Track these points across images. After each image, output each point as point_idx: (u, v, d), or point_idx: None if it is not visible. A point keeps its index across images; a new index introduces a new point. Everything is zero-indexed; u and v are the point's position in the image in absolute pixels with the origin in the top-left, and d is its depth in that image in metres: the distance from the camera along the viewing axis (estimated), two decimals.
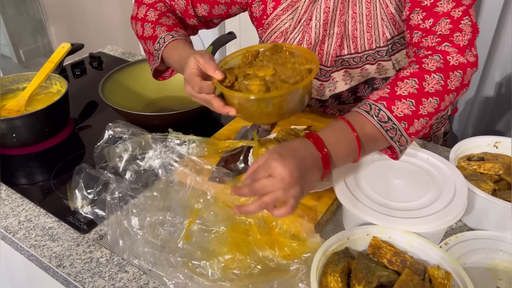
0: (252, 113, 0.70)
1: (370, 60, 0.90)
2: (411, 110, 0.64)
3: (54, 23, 2.18)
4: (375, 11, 0.84)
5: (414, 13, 0.73)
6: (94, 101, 1.15)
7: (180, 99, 1.12)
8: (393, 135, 0.64)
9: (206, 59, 0.71)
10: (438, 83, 0.66)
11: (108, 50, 1.40)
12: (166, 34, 0.84)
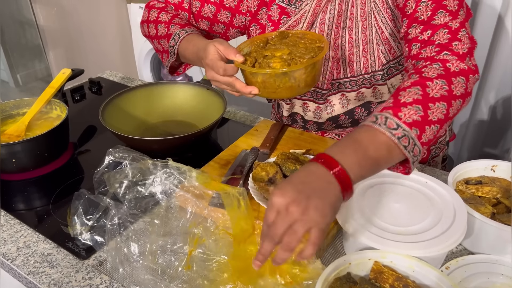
0: (275, 89, 0.78)
1: (366, 84, 0.92)
2: (419, 115, 0.60)
3: (53, 48, 2.21)
4: (371, 36, 0.87)
5: (412, 28, 0.75)
6: (93, 126, 1.15)
7: (179, 124, 1.13)
8: (406, 144, 0.59)
9: (225, 45, 0.77)
10: (442, 88, 0.64)
11: (107, 75, 1.42)
12: (180, 30, 0.90)
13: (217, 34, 1.02)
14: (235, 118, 1.19)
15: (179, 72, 1.02)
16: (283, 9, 0.92)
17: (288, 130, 1.05)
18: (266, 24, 0.94)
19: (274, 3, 0.92)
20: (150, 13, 0.98)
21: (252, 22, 0.96)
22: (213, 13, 0.96)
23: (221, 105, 1.07)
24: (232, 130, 1.13)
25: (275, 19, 0.93)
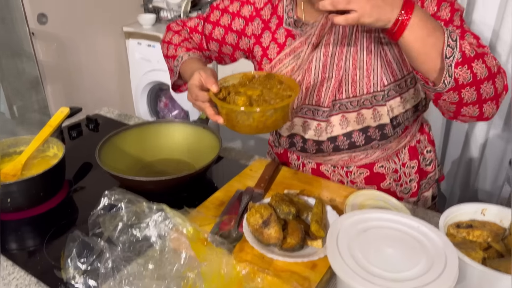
0: (235, 124, 0.85)
1: (366, 105, 0.95)
2: (470, 54, 0.73)
3: (51, 83, 2.24)
4: (376, 58, 0.91)
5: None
6: (89, 163, 1.16)
7: (175, 162, 1.14)
8: (450, 54, 0.72)
9: (208, 74, 0.86)
10: (493, 66, 0.78)
11: (105, 112, 1.44)
12: (184, 53, 1.04)
13: (226, 55, 1.11)
14: (230, 156, 1.20)
15: (181, 90, 1.15)
16: (289, 32, 0.98)
17: (282, 170, 1.07)
18: (270, 46, 0.99)
19: (281, 27, 0.98)
20: (167, 34, 1.13)
21: (256, 44, 1.02)
22: (222, 35, 1.06)
23: (216, 144, 1.08)
24: (227, 169, 1.15)
25: (281, 41, 0.98)
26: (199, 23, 1.11)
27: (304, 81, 0.96)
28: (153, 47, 2.44)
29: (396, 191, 1.07)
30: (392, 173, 1.05)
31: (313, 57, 0.94)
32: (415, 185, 1.08)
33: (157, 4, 2.58)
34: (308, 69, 0.95)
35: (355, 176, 1.06)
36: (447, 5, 0.86)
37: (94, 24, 2.38)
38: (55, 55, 2.22)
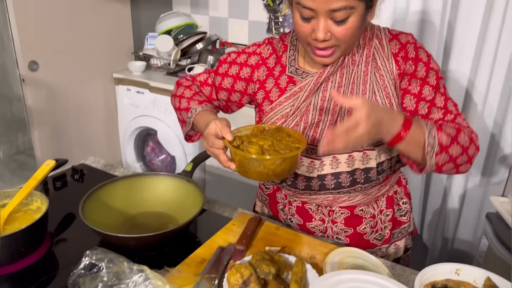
0: (247, 170, 0.91)
1: (358, 148, 1.02)
2: (446, 143, 0.89)
3: (38, 127, 2.25)
4: None
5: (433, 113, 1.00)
6: (72, 214, 1.16)
7: (158, 216, 1.15)
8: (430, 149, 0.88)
9: (223, 124, 0.93)
10: (465, 142, 0.92)
11: (91, 162, 1.45)
12: (197, 106, 1.10)
13: (234, 102, 1.19)
14: (213, 209, 1.22)
15: (193, 139, 1.21)
16: (291, 78, 1.07)
17: (264, 225, 1.09)
18: (272, 89, 1.08)
19: (284, 74, 1.07)
20: (178, 89, 1.19)
21: (260, 89, 1.10)
22: (231, 84, 1.14)
23: (200, 198, 1.10)
24: (210, 223, 1.16)
25: (283, 86, 1.07)
26: (209, 76, 1.19)
27: (302, 122, 1.04)
28: (142, 94, 2.49)
29: (370, 237, 1.14)
30: (370, 218, 1.12)
31: (311, 100, 1.03)
32: (388, 232, 1.15)
33: (147, 52, 2.65)
34: (306, 111, 1.03)
35: (336, 216, 1.11)
36: (433, 73, 1.00)
37: (84, 71, 2.43)
38: (44, 101, 2.25)
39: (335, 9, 0.87)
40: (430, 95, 0.99)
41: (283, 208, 1.17)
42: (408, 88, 1.00)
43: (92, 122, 2.56)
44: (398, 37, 1.01)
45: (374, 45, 1.01)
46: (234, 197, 2.43)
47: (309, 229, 1.15)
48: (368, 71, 1.01)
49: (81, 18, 2.33)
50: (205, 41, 2.70)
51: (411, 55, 0.99)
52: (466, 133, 0.94)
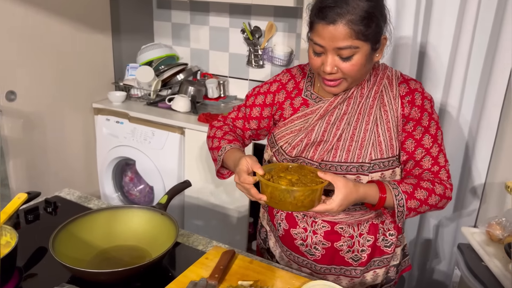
0: (278, 201, 0.98)
1: (353, 171, 1.11)
2: (415, 207, 1.07)
3: (14, 157, 2.22)
4: (370, 137, 1.11)
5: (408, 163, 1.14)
6: (44, 247, 1.14)
7: (131, 249, 1.14)
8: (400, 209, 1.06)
9: (253, 161, 1.04)
10: (435, 201, 1.10)
11: (65, 194, 1.44)
12: (227, 145, 1.20)
13: (263, 128, 1.28)
14: (188, 242, 1.21)
15: (224, 177, 1.27)
16: (305, 101, 1.18)
17: (238, 258, 1.09)
18: (287, 108, 1.20)
19: (299, 96, 1.19)
20: (211, 130, 1.30)
21: (278, 109, 1.22)
22: (259, 112, 1.25)
23: (173, 231, 1.10)
24: (184, 256, 1.15)
25: (296, 106, 1.19)
26: (239, 111, 1.30)
27: (305, 139, 1.14)
28: (121, 124, 2.50)
29: (346, 255, 1.20)
30: (348, 237, 1.18)
31: (318, 122, 1.14)
32: (365, 256, 1.20)
33: (128, 82, 2.67)
34: (311, 131, 1.14)
35: (318, 227, 1.19)
36: (434, 124, 1.13)
37: (63, 101, 2.43)
38: (21, 131, 2.23)
39: (341, 47, 1.00)
40: (428, 144, 1.11)
41: (277, 213, 1.26)
42: (412, 133, 1.12)
43: (69, 152, 2.54)
44: (409, 82, 1.14)
45: (384, 84, 1.14)
46: (212, 226, 2.42)
47: (292, 235, 1.22)
48: (374, 105, 1.12)
49: (61, 48, 2.35)
50: (186, 72, 2.74)
51: (418, 103, 1.11)
52: (438, 192, 1.10)
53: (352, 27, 0.97)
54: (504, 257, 1.40)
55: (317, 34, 1.01)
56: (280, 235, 1.25)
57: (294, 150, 1.15)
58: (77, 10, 2.38)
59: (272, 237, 1.32)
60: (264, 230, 1.36)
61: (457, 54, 1.74)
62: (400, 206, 1.05)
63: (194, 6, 2.74)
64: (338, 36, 0.98)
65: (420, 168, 1.12)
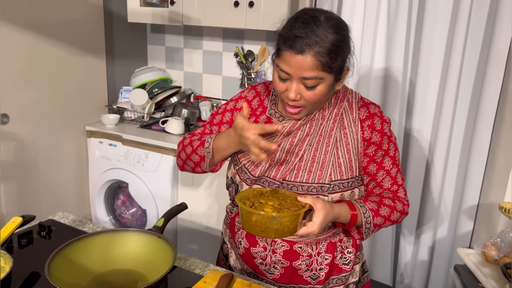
0: (265, 229, 0.97)
1: (313, 192, 1.13)
2: (380, 223, 1.14)
3: (5, 181, 2.19)
4: (330, 158, 1.14)
5: (370, 183, 1.19)
6: (37, 273, 1.12)
7: (128, 274, 1.12)
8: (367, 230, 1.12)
9: (243, 114, 1.05)
10: (397, 217, 1.17)
11: (59, 218, 1.42)
12: (210, 136, 1.19)
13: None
14: (185, 266, 1.20)
15: (216, 169, 1.26)
16: (269, 119, 1.20)
17: (236, 282, 1.07)
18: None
19: (264, 114, 1.20)
20: (183, 144, 1.26)
21: None
22: (227, 129, 1.21)
23: (171, 255, 1.09)
24: (181, 280, 1.14)
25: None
26: (206, 127, 1.29)
27: (269, 159, 1.16)
28: (115, 146, 2.49)
29: (304, 274, 1.21)
30: (306, 256, 1.20)
31: (281, 143, 1.16)
32: (324, 274, 1.21)
33: (121, 105, 2.68)
34: (274, 151, 1.15)
35: (277, 247, 1.20)
36: (393, 146, 1.18)
37: (56, 124, 2.42)
38: (13, 154, 2.21)
39: (306, 77, 1.02)
40: (389, 166, 1.17)
41: (237, 231, 1.27)
42: (374, 157, 1.16)
43: (61, 175, 2.51)
44: (368, 106, 1.17)
45: (344, 107, 1.17)
46: (206, 249, 2.39)
47: (252, 254, 1.23)
48: (334, 128, 1.15)
49: (55, 71, 2.36)
50: (179, 95, 2.76)
51: (378, 127, 1.15)
52: (399, 209, 1.17)
53: (319, 59, 0.99)
54: (501, 278, 1.41)
55: (284, 61, 1.02)
56: (241, 253, 1.26)
57: (258, 169, 1.16)
58: (72, 34, 2.40)
59: (233, 254, 1.32)
60: (226, 246, 1.36)
61: (447, 78, 1.78)
62: (368, 223, 1.10)
63: (187, 30, 2.78)
64: (305, 66, 0.99)
65: (381, 187, 1.18)
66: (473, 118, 1.79)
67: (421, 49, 1.81)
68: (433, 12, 1.76)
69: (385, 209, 1.14)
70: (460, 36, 1.71)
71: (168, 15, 2.40)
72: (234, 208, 1.32)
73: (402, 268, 2.06)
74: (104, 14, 2.56)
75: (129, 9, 2.51)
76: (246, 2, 2.16)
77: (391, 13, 1.83)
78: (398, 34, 1.82)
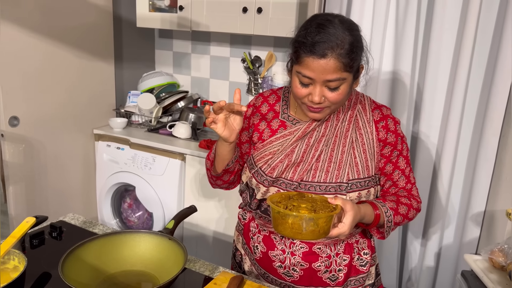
0: (301, 231, 0.96)
1: (331, 191, 1.15)
2: (400, 221, 1.16)
3: (14, 183, 2.21)
4: (347, 158, 1.16)
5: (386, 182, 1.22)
6: (48, 273, 1.13)
7: (138, 275, 1.13)
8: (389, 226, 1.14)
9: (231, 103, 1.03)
10: (413, 215, 1.21)
11: (69, 219, 1.43)
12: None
13: (246, 154, 1.27)
14: (194, 267, 1.21)
15: (221, 180, 1.27)
16: (283, 123, 1.22)
17: (246, 284, 1.08)
18: (264, 130, 1.22)
19: (277, 119, 1.22)
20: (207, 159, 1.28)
21: (254, 131, 1.24)
22: (238, 138, 1.24)
23: (181, 257, 1.10)
24: (191, 282, 1.15)
25: (274, 128, 1.22)
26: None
27: (286, 160, 1.16)
28: (122, 150, 2.50)
29: (323, 276, 1.22)
30: (325, 257, 1.21)
31: (297, 144, 1.17)
32: (342, 275, 1.22)
33: (129, 109, 2.70)
34: (291, 152, 1.17)
35: (296, 248, 1.21)
36: (405, 146, 1.22)
37: (64, 126, 2.44)
38: (22, 156, 2.23)
39: (330, 80, 1.04)
40: (403, 166, 1.21)
41: (253, 236, 1.28)
42: (390, 158, 1.20)
43: (69, 178, 2.53)
44: (381, 108, 1.21)
45: (358, 109, 1.20)
46: (211, 254, 2.39)
47: (270, 257, 1.24)
48: (349, 129, 1.18)
49: (65, 75, 2.38)
50: (186, 100, 2.78)
51: (391, 128, 1.19)
52: (415, 206, 1.20)
53: (341, 61, 1.02)
54: (508, 284, 1.41)
55: (306, 67, 1.04)
56: (258, 258, 1.27)
57: (275, 171, 1.17)
58: (82, 39, 2.43)
59: (248, 260, 1.32)
60: (239, 253, 1.36)
61: (455, 84, 1.79)
62: (389, 222, 1.13)
63: (195, 36, 2.81)
64: (328, 69, 1.02)
65: (396, 187, 1.21)
66: (480, 124, 1.79)
67: (429, 55, 1.82)
68: (441, 18, 1.77)
69: (403, 207, 1.17)
70: (468, 42, 1.72)
71: (176, 20, 2.43)
72: (247, 213, 1.32)
73: (408, 274, 2.06)
74: (113, 19, 2.59)
75: (138, 14, 2.54)
76: (255, 8, 2.18)
77: (399, 18, 1.84)
78: (406, 39, 1.84)
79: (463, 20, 1.74)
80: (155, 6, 2.54)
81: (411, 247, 2.02)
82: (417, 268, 2.02)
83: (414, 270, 2.03)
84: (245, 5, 2.20)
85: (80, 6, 2.38)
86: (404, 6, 1.83)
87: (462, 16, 1.75)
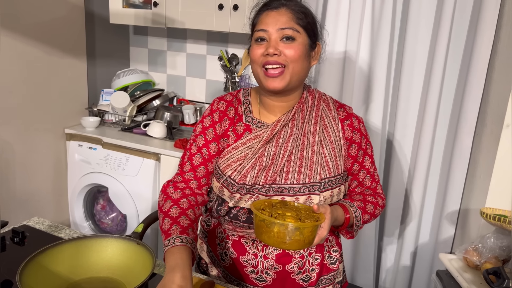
0: (286, 240, 0.93)
1: (304, 192, 1.12)
2: (368, 219, 1.20)
3: None
4: (317, 157, 1.15)
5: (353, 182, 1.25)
6: (9, 281, 1.07)
7: (105, 281, 1.08)
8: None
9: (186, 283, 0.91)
10: (379, 212, 1.24)
11: (34, 223, 1.37)
12: (177, 236, 1.01)
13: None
14: (164, 273, 1.16)
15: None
16: (248, 126, 1.18)
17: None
18: (230, 135, 1.17)
19: (241, 122, 1.18)
20: (165, 203, 1.13)
21: (224, 137, 1.19)
22: (216, 146, 1.18)
23: (150, 262, 1.06)
24: None
25: (239, 132, 1.17)
26: (192, 159, 1.18)
27: (257, 164, 1.13)
28: (94, 150, 2.43)
29: (296, 277, 1.20)
30: (299, 258, 1.19)
31: (266, 147, 1.14)
32: (315, 275, 1.22)
33: (102, 107, 2.62)
34: (261, 156, 1.14)
35: (269, 251, 1.18)
36: (369, 145, 1.25)
37: (34, 126, 2.35)
38: None
39: (283, 28, 1.07)
40: (368, 165, 1.24)
41: (220, 242, 1.23)
42: (356, 157, 1.21)
43: (38, 179, 2.44)
44: (345, 107, 1.23)
45: (322, 107, 1.21)
46: None
47: (241, 262, 1.20)
48: (317, 128, 1.18)
49: (34, 72, 2.29)
50: (162, 98, 2.72)
51: (356, 127, 1.21)
52: (380, 204, 1.25)
53: (293, 13, 1.09)
54: (483, 283, 1.41)
55: (261, 22, 1.10)
56: (227, 265, 1.22)
57: (246, 177, 1.11)
58: (52, 34, 2.34)
59: (214, 268, 1.27)
60: (203, 262, 1.30)
61: (430, 84, 1.79)
62: (358, 221, 1.16)
63: (171, 33, 2.75)
64: (281, 19, 1.08)
65: (362, 186, 1.25)
66: (455, 123, 1.80)
67: (405, 54, 1.82)
68: (417, 16, 1.77)
69: (370, 206, 1.20)
70: (442, 41, 1.72)
71: (151, 17, 2.37)
72: (211, 219, 1.27)
73: (384, 274, 2.06)
74: (85, 14, 2.51)
75: (111, 10, 2.47)
76: (231, 5, 2.14)
77: (375, 15, 1.83)
78: (382, 39, 1.83)
79: (437, 19, 1.75)
80: (128, 2, 2.47)
81: (387, 247, 2.02)
82: (393, 267, 2.02)
83: (390, 270, 2.03)
84: (221, 2, 2.16)
85: (49, 0, 2.30)
86: (379, 6, 1.82)
87: (436, 15, 1.75)
